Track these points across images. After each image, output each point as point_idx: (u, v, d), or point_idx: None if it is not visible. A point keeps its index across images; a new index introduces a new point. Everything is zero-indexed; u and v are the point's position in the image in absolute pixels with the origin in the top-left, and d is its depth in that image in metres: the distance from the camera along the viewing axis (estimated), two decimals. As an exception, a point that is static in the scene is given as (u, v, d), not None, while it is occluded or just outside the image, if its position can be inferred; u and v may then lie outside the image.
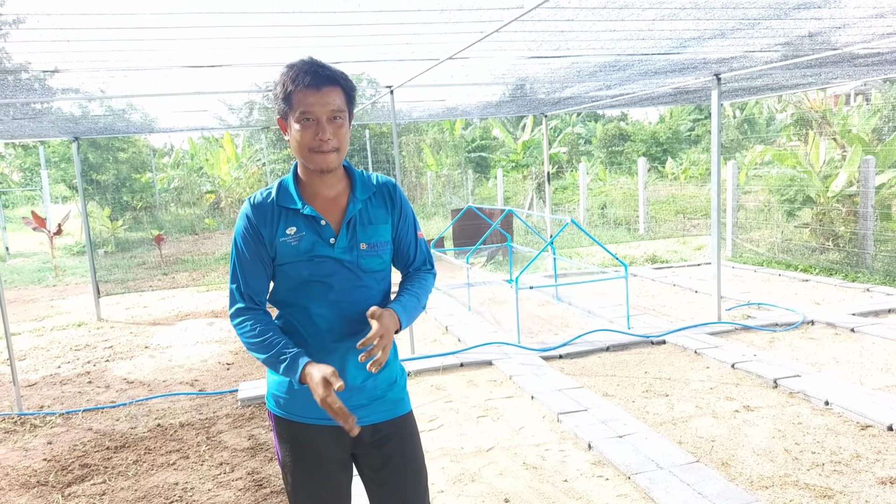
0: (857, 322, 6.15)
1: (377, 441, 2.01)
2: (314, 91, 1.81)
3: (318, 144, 1.84)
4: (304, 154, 1.87)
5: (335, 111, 1.84)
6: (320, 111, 1.82)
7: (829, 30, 4.80)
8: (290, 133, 1.88)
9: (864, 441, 3.89)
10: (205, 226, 18.30)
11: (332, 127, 1.84)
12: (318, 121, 1.83)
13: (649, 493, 3.39)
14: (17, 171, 29.95)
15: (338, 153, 1.88)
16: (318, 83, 1.81)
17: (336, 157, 1.88)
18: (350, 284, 1.94)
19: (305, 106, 1.82)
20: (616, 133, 24.88)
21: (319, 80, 1.82)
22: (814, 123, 11.13)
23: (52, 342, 7.61)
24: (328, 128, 1.83)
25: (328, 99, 1.83)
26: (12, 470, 4.25)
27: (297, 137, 1.85)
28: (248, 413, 4.98)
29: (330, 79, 1.84)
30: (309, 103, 1.81)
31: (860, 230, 8.77)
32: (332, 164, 1.89)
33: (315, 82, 1.81)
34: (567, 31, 4.35)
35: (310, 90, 1.81)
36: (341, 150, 1.89)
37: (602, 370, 5.41)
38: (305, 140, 1.84)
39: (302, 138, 1.84)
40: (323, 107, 1.82)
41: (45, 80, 5.38)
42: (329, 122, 1.84)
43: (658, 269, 9.73)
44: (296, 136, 1.85)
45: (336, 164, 1.90)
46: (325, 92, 1.82)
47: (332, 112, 1.84)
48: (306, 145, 1.85)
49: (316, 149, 1.85)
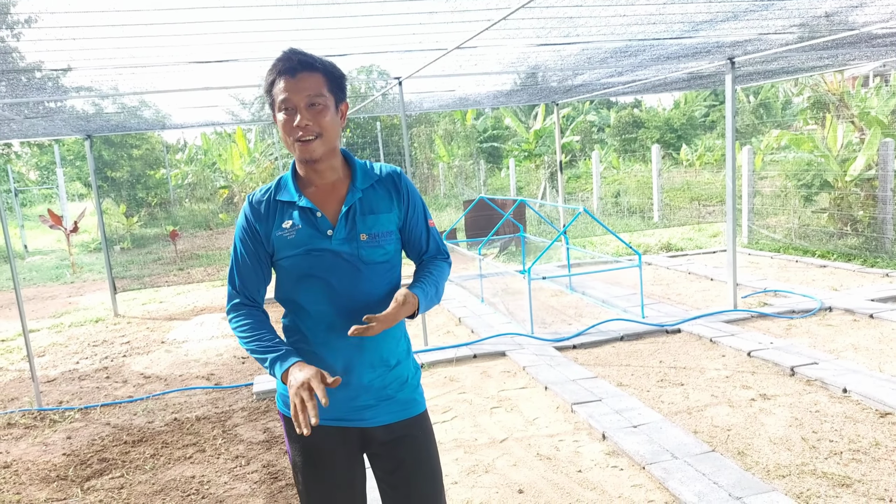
0: (876, 308, 6.06)
1: (390, 442, 1.96)
2: (289, 78, 1.80)
3: (296, 133, 1.81)
4: (290, 144, 1.84)
5: (312, 96, 1.80)
6: (297, 98, 1.80)
7: (847, 9, 4.70)
8: (277, 126, 1.86)
9: (884, 429, 3.84)
10: (219, 221, 18.41)
11: (310, 113, 1.80)
12: (295, 108, 1.80)
13: (664, 483, 3.37)
14: (34, 169, 30.30)
15: (321, 140, 1.83)
16: (293, 70, 1.80)
17: (319, 144, 1.83)
18: (351, 278, 1.87)
19: (283, 93, 1.80)
20: (629, 120, 24.70)
21: (294, 67, 1.80)
22: (831, 106, 10.95)
23: (70, 338, 7.69)
24: (306, 114, 1.80)
25: (304, 85, 1.80)
26: (32, 465, 4.31)
27: (280, 128, 1.84)
28: (263, 406, 5.00)
29: (306, 64, 1.81)
30: (286, 89, 1.80)
31: (879, 214, 8.64)
32: (316, 153, 1.84)
33: (290, 69, 1.80)
34: (576, 17, 4.30)
35: (285, 77, 1.80)
36: (325, 137, 1.83)
37: (616, 360, 5.38)
38: (287, 129, 1.82)
39: (284, 128, 1.83)
40: (299, 93, 1.79)
41: (58, 79, 5.41)
42: (307, 109, 1.80)
43: (673, 257, 9.65)
44: (280, 128, 1.84)
45: (320, 152, 1.84)
46: (300, 78, 1.80)
47: (310, 97, 1.80)
48: (289, 134, 1.82)
49: (297, 137, 1.81)
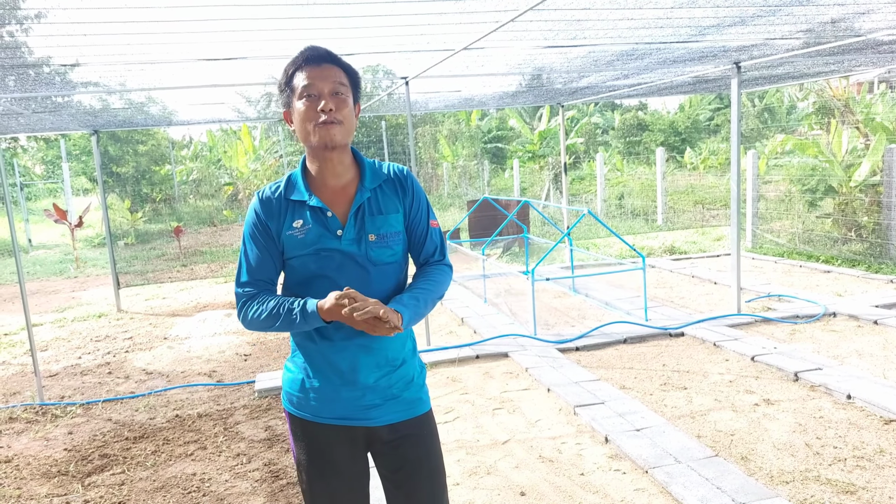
0: (880, 314, 6.05)
1: (394, 441, 1.96)
2: (314, 67, 1.84)
3: (319, 116, 1.82)
4: (309, 130, 1.84)
5: (337, 84, 1.84)
6: (322, 84, 1.83)
7: (853, 16, 4.70)
8: (295, 117, 1.87)
9: (888, 435, 3.83)
10: (223, 217, 18.43)
11: (334, 101, 1.83)
12: (320, 94, 1.83)
13: (667, 488, 3.36)
14: (40, 163, 30.38)
15: (342, 127, 1.84)
16: (318, 59, 1.85)
17: (340, 130, 1.84)
18: (359, 278, 1.87)
19: (307, 80, 1.83)
20: (634, 123, 24.67)
21: (320, 57, 1.85)
22: (836, 112, 10.93)
23: (73, 333, 7.71)
24: (330, 100, 1.82)
25: (329, 73, 1.84)
26: (34, 459, 4.32)
27: (300, 117, 1.84)
28: (265, 404, 5.01)
29: (330, 57, 1.87)
30: (310, 77, 1.83)
31: (884, 220, 8.62)
32: (336, 138, 1.84)
33: (315, 59, 1.85)
34: (583, 20, 4.30)
35: (310, 66, 1.84)
36: (346, 126, 1.86)
37: (619, 363, 5.38)
38: (309, 115, 1.83)
39: (306, 114, 1.83)
40: (324, 80, 1.83)
41: (66, 74, 5.43)
42: (331, 96, 1.83)
43: (676, 261, 9.64)
44: (299, 115, 1.84)
45: (340, 138, 1.85)
46: (325, 67, 1.84)
47: (334, 85, 1.83)
48: (310, 119, 1.83)
49: (318, 121, 1.82)
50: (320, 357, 1.90)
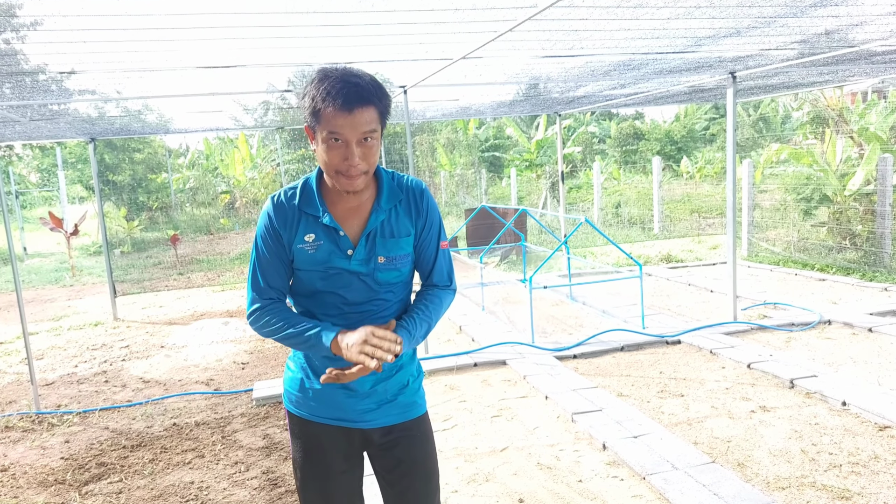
0: (874, 322, 6.08)
1: (388, 443, 2.00)
2: (346, 114, 1.68)
3: (345, 168, 1.75)
4: (331, 174, 1.79)
5: (366, 133, 1.73)
6: (350, 134, 1.71)
7: (847, 27, 4.75)
8: (317, 147, 1.78)
9: (883, 442, 3.85)
10: (220, 226, 18.41)
11: (361, 149, 1.74)
12: (347, 143, 1.72)
13: (664, 494, 3.37)
14: (35, 171, 30.31)
15: (366, 175, 1.79)
16: (350, 105, 1.68)
17: (363, 179, 1.79)
18: (365, 296, 1.89)
19: (334, 127, 1.70)
20: (630, 132, 24.78)
21: (352, 102, 1.68)
22: (830, 121, 11.02)
23: (69, 342, 7.69)
24: (357, 151, 1.73)
25: (360, 120, 1.70)
26: (30, 468, 4.30)
27: (323, 157, 1.76)
28: (262, 412, 5.00)
29: (363, 99, 1.70)
30: (339, 125, 1.70)
31: (878, 229, 8.67)
32: (359, 188, 1.81)
33: (347, 105, 1.68)
34: (581, 31, 4.33)
35: (341, 113, 1.68)
36: (370, 172, 1.80)
37: (617, 370, 5.39)
38: (333, 161, 1.75)
39: (329, 159, 1.75)
40: (353, 129, 1.70)
41: (62, 82, 5.44)
42: (359, 145, 1.73)
43: (673, 269, 9.67)
44: (322, 155, 1.76)
45: (362, 186, 1.81)
46: (356, 114, 1.69)
47: (364, 134, 1.72)
48: (333, 166, 1.76)
49: (343, 172, 1.76)
50: (319, 361, 1.93)
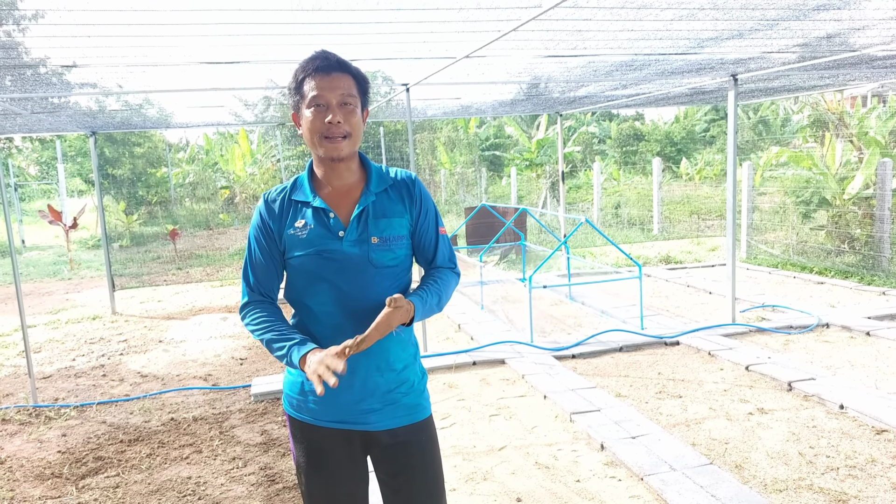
0: (872, 325, 6.10)
1: (393, 447, 1.96)
2: (324, 75, 1.83)
3: (327, 128, 1.83)
4: (316, 141, 1.86)
5: (345, 95, 1.84)
6: (330, 95, 1.83)
7: (848, 31, 4.75)
8: (303, 123, 1.88)
9: (880, 445, 3.86)
10: (219, 221, 18.39)
11: (342, 112, 1.84)
12: (328, 105, 1.83)
13: (662, 495, 3.38)
14: (34, 164, 30.26)
15: (349, 140, 1.86)
16: (328, 69, 1.84)
17: (347, 144, 1.86)
18: (359, 281, 1.87)
19: (316, 90, 1.83)
20: (631, 133, 24.80)
21: (329, 66, 1.84)
22: (830, 125, 11.02)
23: (67, 335, 7.68)
24: (339, 112, 1.83)
25: (338, 83, 1.83)
26: (27, 462, 4.30)
27: (308, 125, 1.85)
28: (260, 408, 5.01)
29: (340, 65, 1.86)
30: (319, 87, 1.83)
31: (877, 233, 8.68)
32: (343, 152, 1.87)
33: (325, 67, 1.84)
34: (584, 31, 4.33)
35: (319, 74, 1.83)
36: (353, 138, 1.87)
37: (615, 370, 5.40)
38: (316, 125, 1.84)
39: (313, 124, 1.84)
40: (333, 91, 1.83)
41: (64, 75, 5.43)
42: (340, 107, 1.83)
43: (672, 270, 9.68)
44: (307, 124, 1.85)
45: (347, 151, 1.88)
46: (335, 77, 1.84)
47: (343, 96, 1.84)
48: (317, 131, 1.84)
49: (326, 133, 1.84)
50: None
